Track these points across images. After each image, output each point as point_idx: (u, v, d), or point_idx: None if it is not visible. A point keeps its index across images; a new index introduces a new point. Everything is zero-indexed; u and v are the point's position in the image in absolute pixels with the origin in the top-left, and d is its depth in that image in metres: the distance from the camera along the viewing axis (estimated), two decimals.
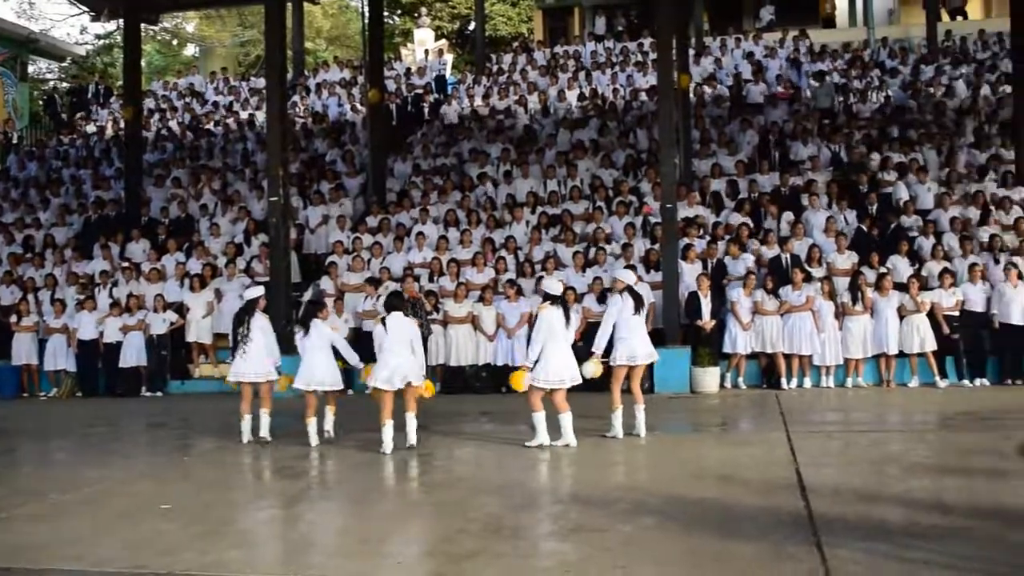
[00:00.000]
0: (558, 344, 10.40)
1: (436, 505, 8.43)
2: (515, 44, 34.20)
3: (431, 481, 9.37)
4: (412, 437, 10.55)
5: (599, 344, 10.81)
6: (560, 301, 10.64)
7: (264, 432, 11.30)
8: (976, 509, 7.46)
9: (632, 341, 10.90)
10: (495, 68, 29.64)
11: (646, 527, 7.36)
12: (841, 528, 7.03)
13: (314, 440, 11.00)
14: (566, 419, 10.45)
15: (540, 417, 10.46)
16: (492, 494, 8.64)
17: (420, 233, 17.73)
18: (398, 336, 10.50)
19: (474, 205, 18.94)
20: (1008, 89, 20.90)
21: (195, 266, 17.81)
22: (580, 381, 10.65)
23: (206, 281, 17.22)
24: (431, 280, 16.51)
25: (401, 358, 10.46)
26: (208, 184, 21.54)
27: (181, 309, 17.11)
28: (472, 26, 38.93)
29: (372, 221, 18.77)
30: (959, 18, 32.00)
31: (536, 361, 10.36)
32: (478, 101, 26.22)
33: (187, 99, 29.59)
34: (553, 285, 10.89)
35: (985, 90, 22.81)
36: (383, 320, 10.60)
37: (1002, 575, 5.94)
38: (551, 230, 17.57)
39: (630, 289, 11.05)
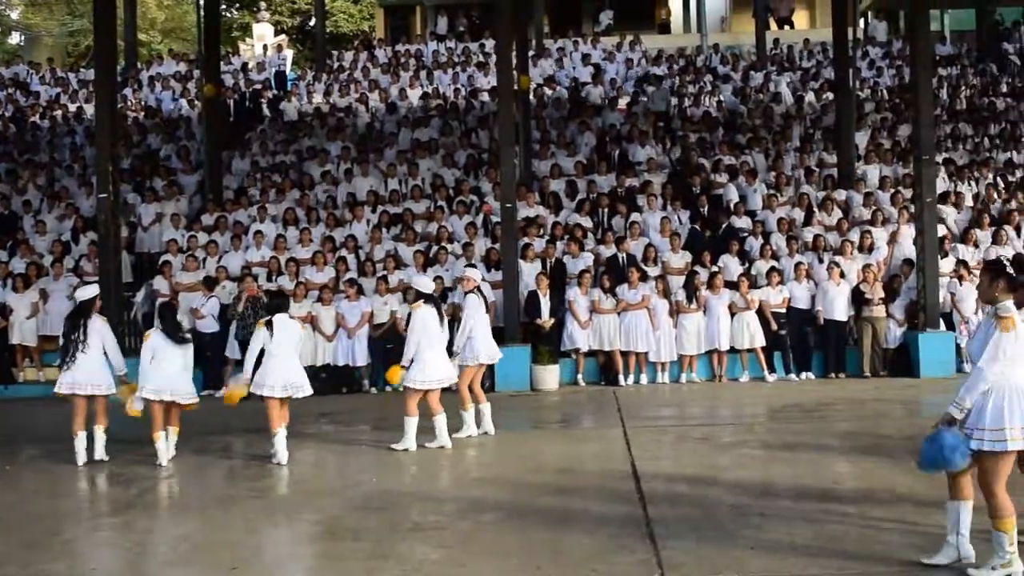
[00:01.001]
0: (433, 344, 10.28)
1: (275, 509, 8.28)
2: (356, 41, 33.88)
3: (270, 485, 9.18)
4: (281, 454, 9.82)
5: (459, 343, 10.83)
6: (433, 300, 10.58)
7: (100, 454, 10.17)
8: (801, 495, 7.80)
9: (485, 340, 10.97)
10: (336, 65, 29.32)
11: (485, 524, 7.41)
12: (673, 519, 7.24)
13: (164, 458, 9.85)
14: (440, 421, 10.30)
15: (413, 422, 10.21)
16: (332, 496, 8.54)
17: (258, 232, 17.34)
18: (286, 340, 9.89)
19: (314, 203, 18.65)
20: (831, 96, 21.91)
21: (19, 265, 16.94)
22: (456, 380, 10.65)
23: (31, 281, 16.39)
24: (269, 279, 16.16)
25: (292, 364, 9.96)
26: (32, 180, 20.57)
27: (3, 310, 16.26)
28: (313, 22, 38.39)
29: (208, 219, 18.27)
30: (786, 27, 33.43)
31: (411, 362, 10.21)
32: (318, 98, 25.88)
33: (11, 90, 28.17)
34: (425, 283, 10.83)
35: (810, 97, 23.87)
36: (268, 323, 9.87)
37: (824, 558, 6.22)
38: (392, 229, 17.47)
39: (478, 287, 11.12)
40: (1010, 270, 5.99)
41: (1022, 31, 28.45)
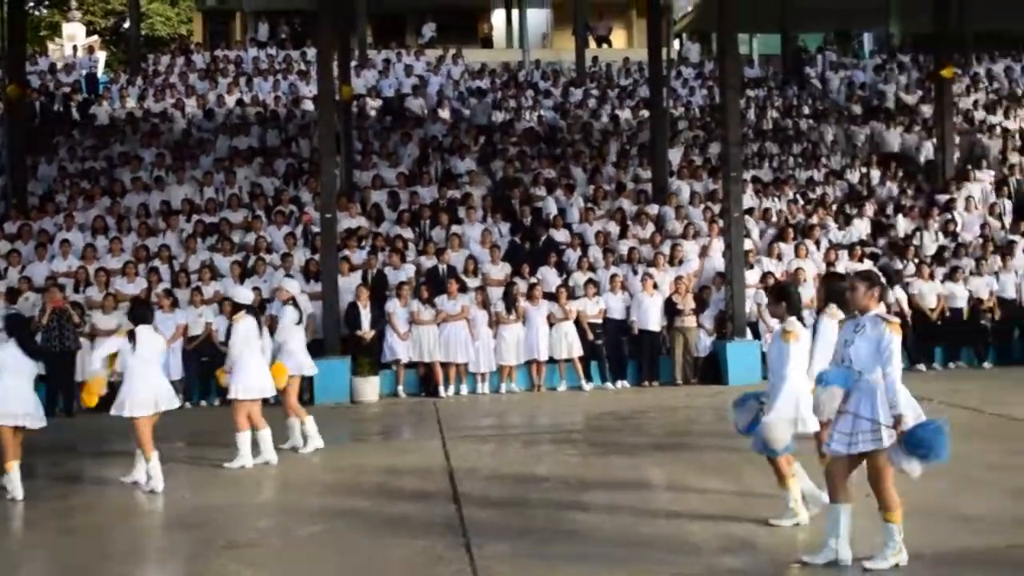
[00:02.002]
0: (254, 355, 10.08)
1: (78, 530, 7.93)
2: (173, 46, 32.91)
3: (75, 505, 8.78)
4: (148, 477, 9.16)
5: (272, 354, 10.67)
6: (252, 311, 10.36)
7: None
8: (614, 505, 8.00)
9: (300, 352, 10.87)
10: (151, 69, 28.32)
11: (300, 539, 7.31)
12: (490, 529, 7.32)
13: (20, 492, 8.80)
14: (264, 435, 10.06)
15: (245, 437, 9.92)
16: (141, 516, 8.28)
17: (65, 240, 16.58)
18: (150, 352, 9.26)
19: (125, 212, 17.98)
20: (646, 114, 22.61)
21: None
22: (274, 393, 10.45)
23: None
24: (77, 291, 15.48)
25: (158, 377, 9.35)
26: None
27: None
28: (127, 24, 37.02)
29: (10, 227, 17.35)
30: (605, 46, 34.34)
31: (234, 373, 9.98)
32: (132, 103, 24.95)
33: None
34: (243, 294, 10.66)
35: (626, 114, 24.58)
36: (130, 333, 9.18)
37: (635, 563, 6.41)
38: (208, 239, 17.02)
39: (294, 299, 11.02)
40: (883, 280, 6.43)
41: (823, 57, 30.06)
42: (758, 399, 7.22)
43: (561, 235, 17.63)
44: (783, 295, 7.17)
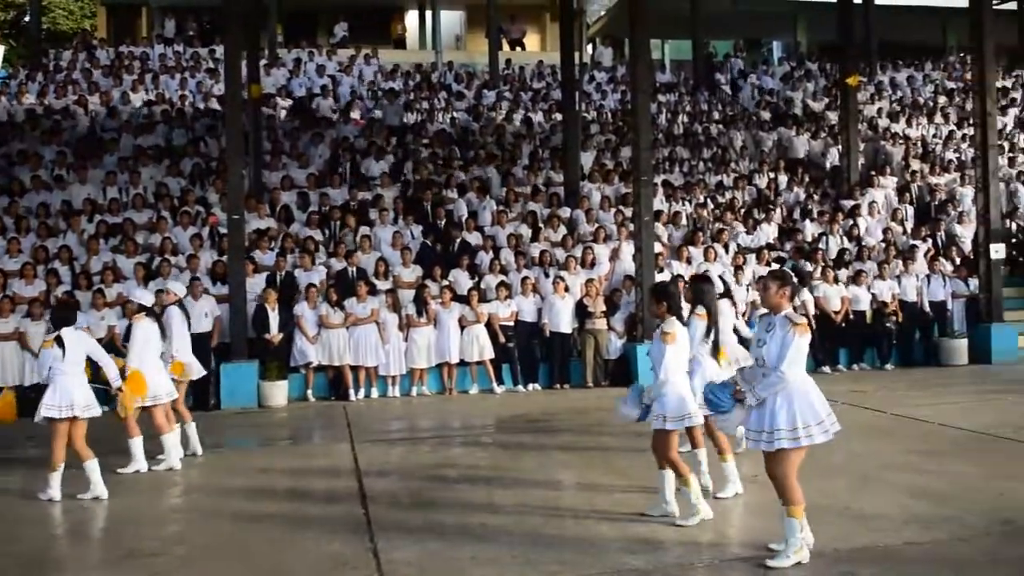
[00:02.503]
0: (153, 359, 9.87)
1: None
2: (76, 41, 31.98)
3: None
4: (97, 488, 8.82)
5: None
6: (154, 313, 10.11)
7: None
8: (523, 506, 7.98)
9: (186, 355, 10.73)
10: (52, 65, 27.53)
11: (204, 547, 7.15)
12: (397, 532, 7.24)
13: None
14: (168, 440, 9.88)
15: (138, 442, 9.70)
16: (36, 524, 7.99)
17: None
18: (78, 356, 8.87)
19: (24, 211, 17.43)
20: (559, 117, 22.72)
21: None
22: (175, 397, 10.24)
23: None
24: None
25: (83, 381, 8.93)
26: None
27: None
28: (28, 17, 35.94)
29: None
30: (518, 49, 34.42)
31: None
32: (31, 99, 24.20)
33: None
34: (145, 296, 10.46)
35: (539, 117, 24.67)
36: (58, 339, 8.76)
37: (543, 564, 6.38)
38: (111, 240, 16.59)
39: (180, 302, 10.83)
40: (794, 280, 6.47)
41: (732, 63, 30.54)
42: (640, 393, 7.43)
43: (473, 237, 17.61)
44: (664, 296, 7.31)
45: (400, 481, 9.17)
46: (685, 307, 7.99)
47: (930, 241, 19.56)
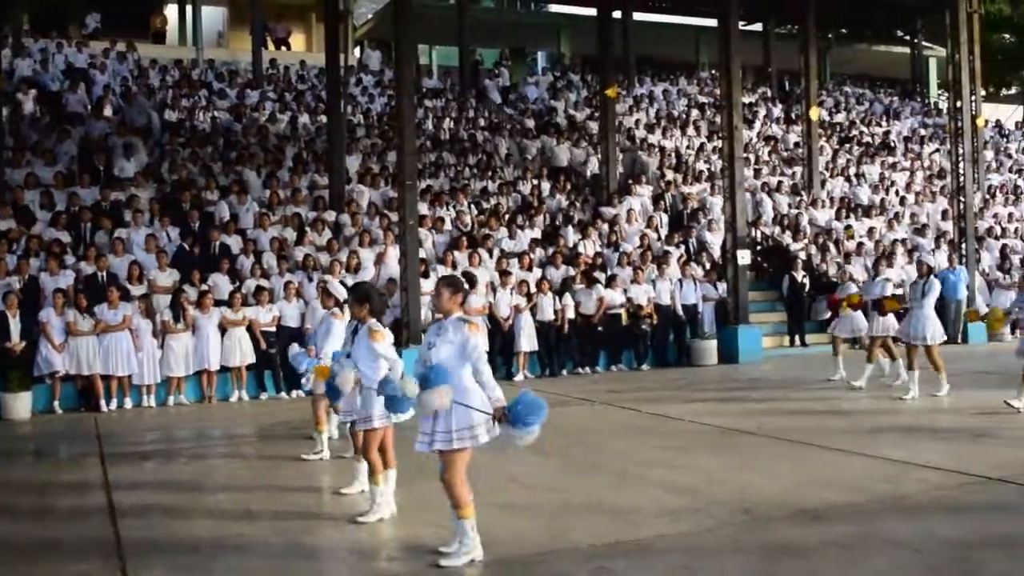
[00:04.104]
0: None
1: None
2: None
3: None
4: None
5: None
6: None
7: None
8: (281, 514, 7.77)
9: None
10: None
11: None
12: (149, 549, 6.90)
13: None
14: None
15: None
16: None
17: None
18: None
19: None
20: (324, 119, 22.41)
21: None
22: None
23: None
24: None
25: None
26: None
27: None
28: None
29: None
30: (283, 48, 33.73)
31: None
32: None
33: None
34: None
35: (304, 119, 24.25)
36: None
37: (296, 575, 6.24)
38: None
39: None
40: (466, 285, 6.58)
41: (499, 72, 31.09)
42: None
43: (234, 241, 17.09)
44: (366, 298, 7.50)
45: (153, 495, 8.74)
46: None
47: (683, 247, 20.56)
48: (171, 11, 35.48)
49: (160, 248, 16.08)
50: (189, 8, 33.33)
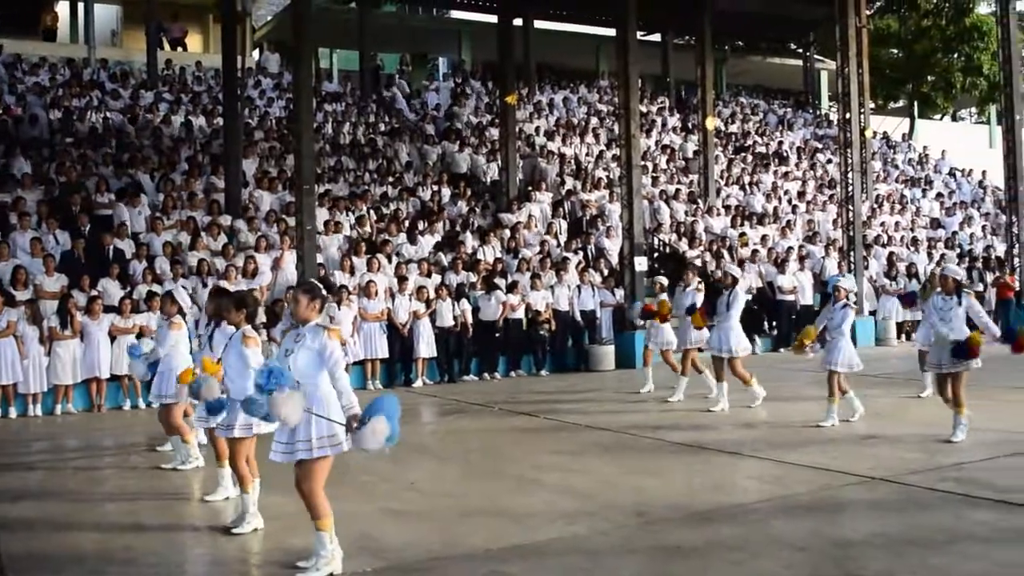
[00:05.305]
0: None
1: None
2: None
3: None
4: None
5: None
6: None
7: None
8: (170, 526, 7.63)
9: None
10: None
11: None
12: (32, 563, 6.71)
13: None
14: None
15: None
16: None
17: None
18: None
19: None
20: (221, 122, 22.03)
21: None
22: None
23: None
24: None
25: None
26: None
27: None
28: None
29: None
30: (179, 49, 33.06)
31: None
32: None
33: None
34: None
35: (200, 121, 23.79)
36: None
37: None
38: None
39: None
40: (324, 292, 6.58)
41: (399, 77, 30.98)
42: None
43: (126, 245, 16.68)
44: (242, 304, 7.59)
45: (38, 507, 8.46)
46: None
47: (581, 253, 20.74)
48: (63, 8, 34.50)
49: (47, 252, 15.60)
50: (81, 5, 32.42)
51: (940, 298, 10.26)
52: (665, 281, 15.47)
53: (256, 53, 33.73)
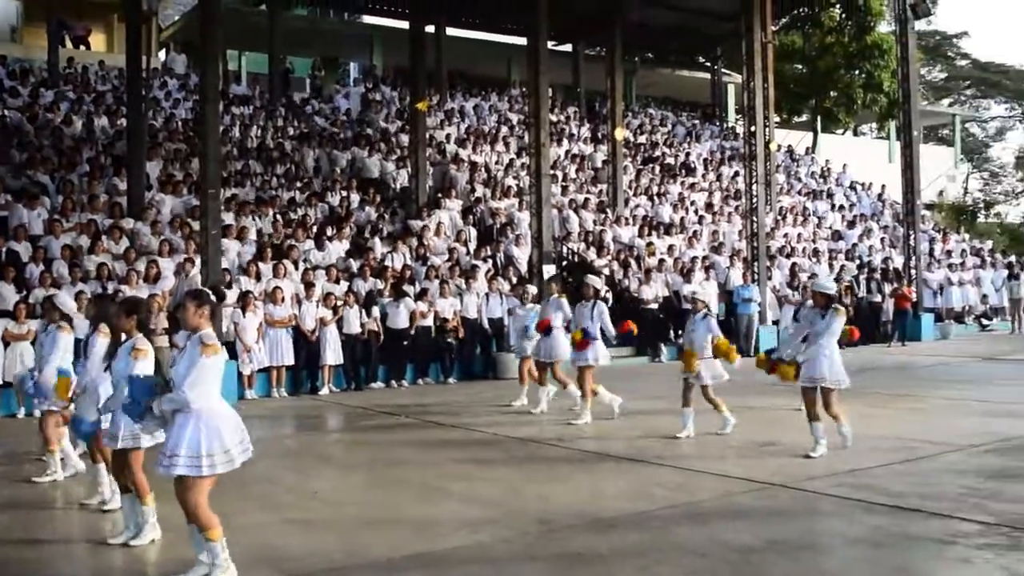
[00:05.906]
0: None
1: None
2: None
3: None
4: None
5: None
6: None
7: None
8: (72, 540, 7.46)
9: None
10: None
11: None
12: None
13: None
14: None
15: None
16: None
17: None
18: None
19: None
20: (124, 123, 21.54)
21: None
22: None
23: None
24: None
25: None
26: None
27: None
28: None
29: None
30: (82, 47, 32.28)
31: None
32: None
33: None
34: None
35: (103, 121, 23.23)
36: None
37: None
38: None
39: None
40: (212, 300, 6.49)
41: (310, 81, 30.70)
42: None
43: (23, 248, 16.19)
44: (134, 310, 7.31)
45: None
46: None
47: (490, 261, 20.77)
48: None
49: None
50: None
51: (812, 312, 10.42)
52: (557, 286, 15.30)
53: (162, 53, 33.13)
